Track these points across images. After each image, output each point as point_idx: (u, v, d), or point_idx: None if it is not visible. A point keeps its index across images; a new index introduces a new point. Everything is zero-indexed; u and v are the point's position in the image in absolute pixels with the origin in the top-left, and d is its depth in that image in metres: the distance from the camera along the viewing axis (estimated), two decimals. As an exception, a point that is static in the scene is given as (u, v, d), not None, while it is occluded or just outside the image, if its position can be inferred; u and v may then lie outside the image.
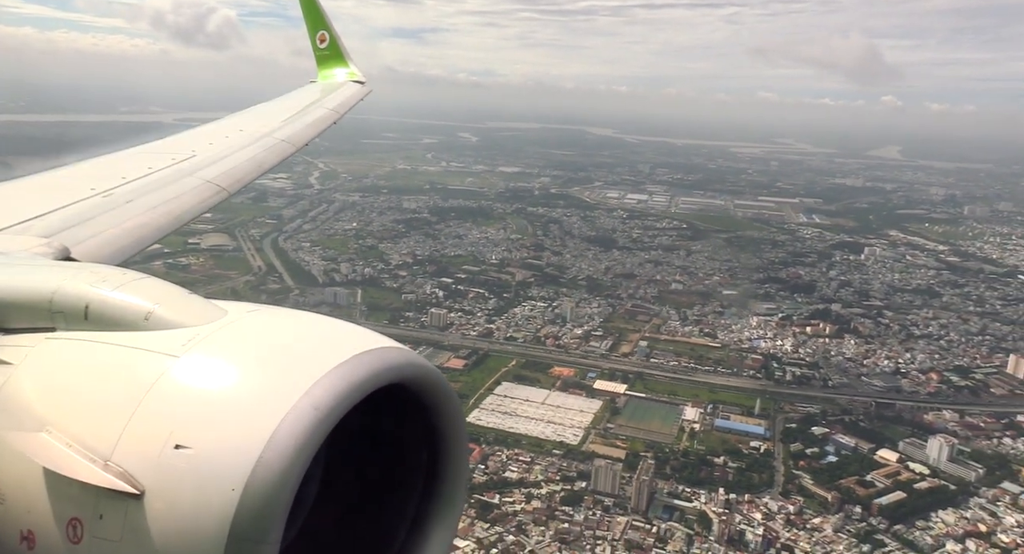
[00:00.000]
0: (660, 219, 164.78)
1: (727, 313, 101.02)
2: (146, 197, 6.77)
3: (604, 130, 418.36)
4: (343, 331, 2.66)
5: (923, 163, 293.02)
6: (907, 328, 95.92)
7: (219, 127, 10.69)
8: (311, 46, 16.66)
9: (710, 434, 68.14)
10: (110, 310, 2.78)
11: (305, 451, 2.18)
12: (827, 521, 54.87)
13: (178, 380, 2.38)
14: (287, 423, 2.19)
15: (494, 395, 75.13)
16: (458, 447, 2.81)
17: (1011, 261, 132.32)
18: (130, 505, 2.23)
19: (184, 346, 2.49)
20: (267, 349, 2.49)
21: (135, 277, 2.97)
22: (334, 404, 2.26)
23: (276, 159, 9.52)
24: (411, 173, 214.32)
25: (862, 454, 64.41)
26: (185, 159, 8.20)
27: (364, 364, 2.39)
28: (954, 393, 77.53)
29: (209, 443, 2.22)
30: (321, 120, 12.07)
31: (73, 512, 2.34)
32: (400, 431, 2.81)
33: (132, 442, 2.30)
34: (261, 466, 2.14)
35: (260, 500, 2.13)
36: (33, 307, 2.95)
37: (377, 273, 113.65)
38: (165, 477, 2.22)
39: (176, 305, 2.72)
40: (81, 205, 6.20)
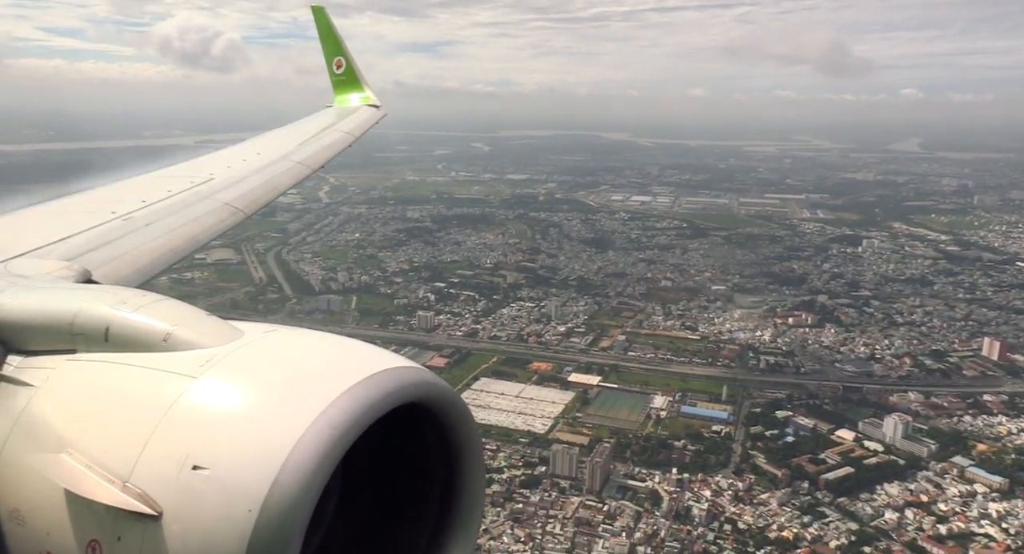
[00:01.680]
0: (661, 219, 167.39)
1: (712, 307, 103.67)
2: (165, 220, 6.98)
3: (618, 135, 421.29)
4: (359, 351, 2.71)
5: (942, 155, 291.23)
6: (890, 316, 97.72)
7: (237, 150, 11.08)
8: (327, 71, 17.15)
9: (675, 420, 71.13)
10: (130, 332, 2.84)
11: (322, 471, 2.24)
12: (773, 496, 57.65)
13: (196, 401, 2.44)
14: (304, 443, 2.24)
15: (471, 390, 78.90)
16: (474, 464, 2.85)
17: (1013, 249, 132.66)
18: (148, 526, 2.27)
19: (202, 367, 2.55)
20: (284, 369, 2.55)
21: (154, 299, 3.04)
22: (350, 424, 2.31)
23: (292, 181, 9.88)
24: (419, 184, 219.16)
25: (820, 434, 66.89)
26: (203, 182, 8.45)
27: (380, 384, 2.44)
28: (925, 376, 79.43)
29: (226, 464, 2.26)
30: (336, 143, 12.45)
31: (92, 534, 2.38)
32: (417, 449, 2.85)
33: (150, 463, 2.34)
34: (278, 487, 2.18)
35: (277, 520, 2.17)
36: (55, 329, 3.01)
37: (373, 280, 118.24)
38: (183, 498, 2.26)
39: (194, 326, 2.79)
40: (102, 228, 6.36)
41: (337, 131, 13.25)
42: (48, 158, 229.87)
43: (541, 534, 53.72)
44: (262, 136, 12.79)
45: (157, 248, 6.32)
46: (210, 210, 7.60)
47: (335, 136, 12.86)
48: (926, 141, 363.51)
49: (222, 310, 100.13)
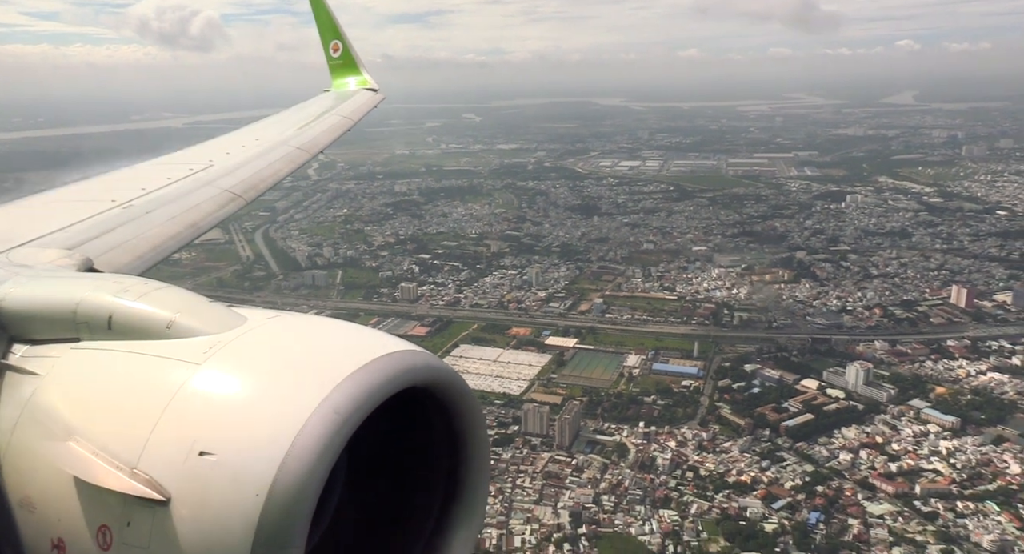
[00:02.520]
0: (648, 183, 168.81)
1: (691, 268, 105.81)
2: (165, 207, 7.02)
3: (612, 100, 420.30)
4: (362, 335, 2.74)
5: (936, 106, 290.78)
6: (866, 269, 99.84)
7: (236, 137, 11.12)
8: (324, 55, 17.20)
9: (647, 377, 73.75)
10: (133, 320, 2.88)
11: (327, 455, 2.27)
12: (735, 444, 60.38)
13: (201, 387, 2.48)
14: (308, 428, 2.27)
15: (450, 357, 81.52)
16: (479, 447, 2.92)
17: (995, 198, 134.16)
18: (157, 512, 2.32)
19: (206, 354, 2.59)
20: (287, 355, 2.60)
21: (157, 287, 3.07)
22: (354, 408, 2.35)
23: (291, 166, 9.91)
24: (409, 158, 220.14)
25: (785, 385, 69.47)
26: (203, 169, 8.52)
27: (383, 368, 2.48)
28: (893, 325, 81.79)
29: (232, 449, 2.30)
30: (335, 127, 12.54)
31: (102, 519, 2.43)
32: (421, 433, 2.91)
33: (157, 449, 2.39)
34: (284, 471, 2.22)
35: (284, 504, 2.21)
36: (58, 318, 3.06)
37: (359, 254, 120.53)
38: (190, 483, 2.30)
39: (197, 313, 2.83)
40: (102, 217, 6.40)
41: (336, 115, 13.39)
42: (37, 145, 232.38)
43: (511, 487, 56.62)
44: (260, 122, 12.93)
45: (158, 235, 6.41)
46: (210, 197, 7.70)
47: (333, 120, 13.00)
48: (921, 93, 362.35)
49: (209, 289, 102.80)
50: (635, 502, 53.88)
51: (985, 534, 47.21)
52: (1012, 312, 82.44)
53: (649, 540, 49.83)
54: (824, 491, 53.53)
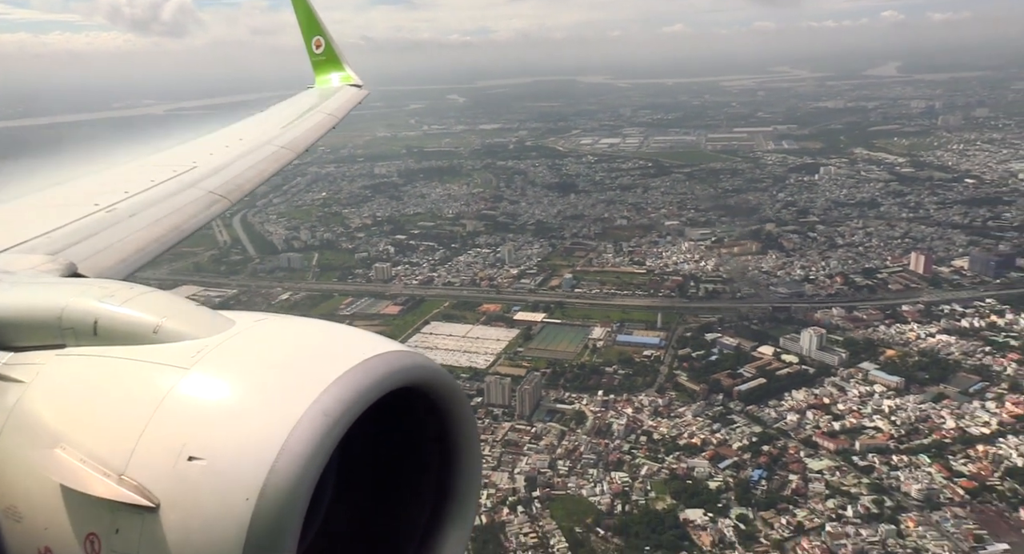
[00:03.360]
0: (627, 160, 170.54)
1: (662, 242, 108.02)
2: (149, 210, 7.01)
3: (596, 78, 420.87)
4: (351, 337, 2.74)
5: (918, 77, 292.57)
6: (832, 239, 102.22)
7: (219, 137, 11.09)
8: (307, 52, 17.17)
9: (610, 349, 76.18)
10: (119, 325, 2.87)
11: (317, 458, 2.26)
12: (689, 409, 62.95)
13: (189, 392, 2.47)
14: (298, 431, 2.27)
15: (420, 333, 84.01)
16: (470, 447, 2.92)
17: (964, 167, 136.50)
18: (146, 518, 2.30)
19: (193, 358, 2.58)
20: (275, 358, 2.60)
21: (142, 291, 3.06)
22: (344, 410, 2.34)
23: (276, 166, 9.93)
24: (390, 140, 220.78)
25: (743, 352, 71.95)
26: (186, 171, 8.49)
27: (372, 369, 2.48)
28: (853, 292, 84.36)
29: (222, 454, 2.29)
30: (319, 126, 12.50)
31: (90, 527, 2.41)
32: (412, 434, 2.92)
33: (146, 455, 2.37)
34: (274, 475, 2.22)
35: (274, 508, 2.20)
36: (43, 325, 3.03)
37: (336, 237, 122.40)
38: (179, 489, 2.29)
39: (184, 317, 2.81)
40: (85, 221, 6.39)
41: (320, 113, 13.39)
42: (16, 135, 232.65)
43: (472, 455, 58.99)
44: (244, 121, 12.76)
45: (142, 239, 6.38)
46: (194, 199, 7.66)
47: (318, 118, 12.98)
48: (904, 64, 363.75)
49: (185, 274, 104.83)
50: (589, 466, 56.44)
51: (914, 484, 49.97)
52: (967, 277, 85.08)
53: (599, 500, 52.42)
54: (769, 450, 56.20)
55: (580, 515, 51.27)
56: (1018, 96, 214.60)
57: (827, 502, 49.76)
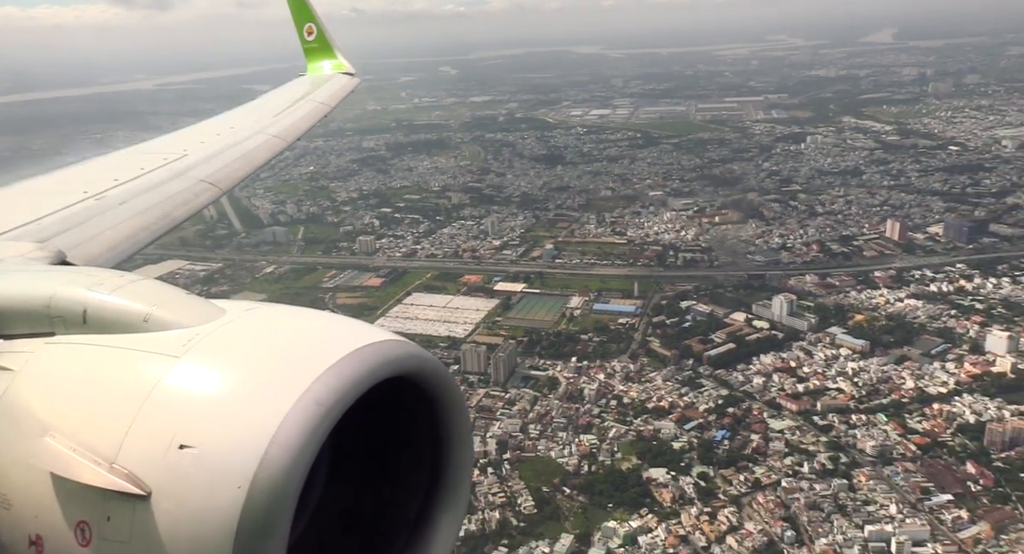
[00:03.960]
0: (616, 131, 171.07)
1: (644, 213, 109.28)
2: (139, 198, 6.95)
3: (590, 48, 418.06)
4: (343, 326, 2.75)
5: (913, 44, 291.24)
6: (812, 207, 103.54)
7: (210, 125, 11.12)
8: (299, 39, 17.03)
9: (587, 317, 77.94)
10: (108, 313, 2.86)
11: (309, 447, 2.27)
12: (660, 373, 64.84)
13: (180, 381, 2.47)
14: (290, 420, 2.27)
15: (402, 304, 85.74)
16: (461, 435, 2.94)
17: (950, 134, 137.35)
18: (137, 506, 2.31)
19: (184, 346, 2.58)
20: (267, 347, 2.61)
21: (132, 279, 3.05)
22: (336, 399, 2.35)
23: (268, 155, 9.92)
24: (380, 113, 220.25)
25: (715, 318, 73.70)
26: (177, 159, 8.48)
27: (364, 358, 2.49)
28: (828, 259, 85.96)
29: (213, 442, 2.30)
30: (311, 114, 12.49)
31: (81, 515, 2.42)
32: (403, 422, 2.94)
33: (137, 444, 2.37)
34: (266, 463, 2.22)
35: (266, 497, 2.21)
36: (31, 313, 3.03)
37: (321, 210, 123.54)
38: (171, 477, 2.30)
39: (174, 306, 2.82)
40: (75, 209, 6.36)
41: (312, 102, 13.35)
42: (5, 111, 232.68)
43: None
44: (236, 110, 12.77)
45: (131, 227, 6.33)
46: (184, 187, 7.62)
47: (309, 107, 12.91)
48: (901, 31, 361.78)
49: (171, 249, 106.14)
50: (559, 429, 58.45)
51: (869, 441, 52.04)
52: (941, 243, 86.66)
53: (567, 462, 54.50)
54: (734, 412, 58.20)
55: (548, 476, 53.34)
56: (1011, 62, 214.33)
57: (785, 460, 51.85)
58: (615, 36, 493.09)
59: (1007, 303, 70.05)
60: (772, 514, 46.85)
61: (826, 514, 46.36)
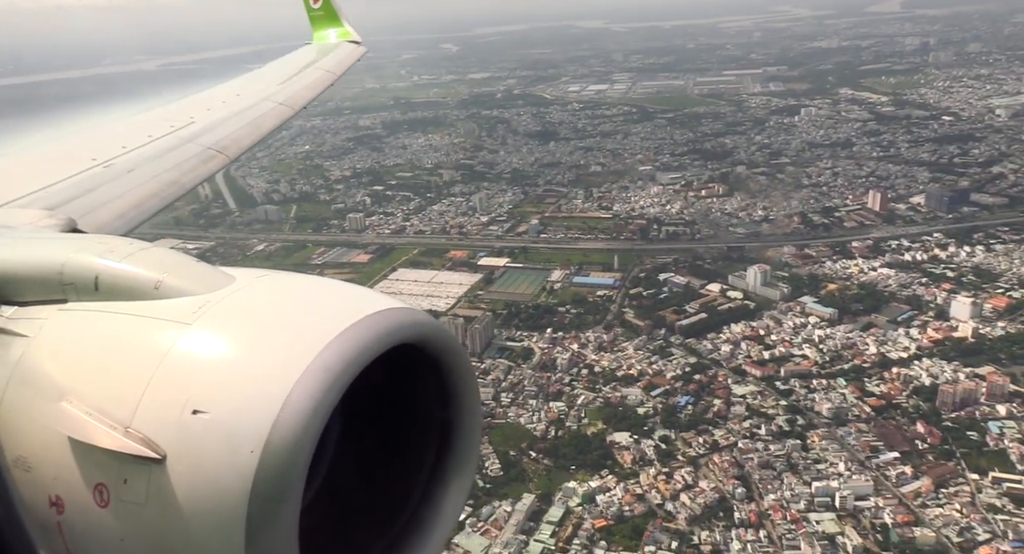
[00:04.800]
0: (612, 106, 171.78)
1: (632, 187, 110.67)
2: (147, 166, 7.08)
3: (594, 23, 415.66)
4: (352, 294, 2.80)
5: (920, 12, 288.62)
6: (799, 180, 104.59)
7: (217, 93, 11.13)
8: (305, 7, 17.06)
9: (567, 290, 79.93)
10: (120, 280, 2.91)
11: (320, 411, 2.33)
12: (632, 343, 66.84)
13: (192, 347, 2.53)
14: (301, 385, 2.33)
15: (387, 280, 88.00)
16: (470, 402, 2.99)
17: (945, 104, 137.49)
18: (153, 469, 2.38)
19: (195, 313, 2.63)
20: (277, 314, 2.66)
21: (142, 246, 3.11)
22: (345, 365, 2.40)
23: (275, 122, 9.99)
24: (378, 91, 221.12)
25: (692, 289, 75.50)
26: (184, 126, 8.57)
27: (373, 325, 2.53)
28: (808, 231, 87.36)
29: (226, 407, 2.36)
30: (318, 82, 12.54)
31: (98, 477, 2.49)
32: (413, 390, 2.99)
33: (151, 408, 2.44)
34: (278, 427, 2.28)
35: (279, 460, 2.27)
36: (44, 280, 3.08)
37: (315, 189, 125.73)
38: (185, 441, 2.36)
39: (185, 273, 2.87)
40: (83, 176, 6.46)
41: (318, 70, 13.38)
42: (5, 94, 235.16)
43: (422, 390, 63.33)
44: (241, 77, 12.71)
45: (140, 195, 6.40)
46: (193, 155, 7.70)
47: (316, 75, 12.98)
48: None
49: (165, 227, 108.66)
50: (530, 397, 60.70)
51: (826, 404, 53.99)
52: (922, 213, 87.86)
53: (535, 427, 56.80)
54: (700, 378, 60.25)
55: (516, 440, 55.64)
56: (1015, 29, 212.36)
57: (744, 423, 53.92)
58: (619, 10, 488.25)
59: (977, 270, 71.49)
60: (726, 473, 49.02)
61: (777, 472, 48.51)
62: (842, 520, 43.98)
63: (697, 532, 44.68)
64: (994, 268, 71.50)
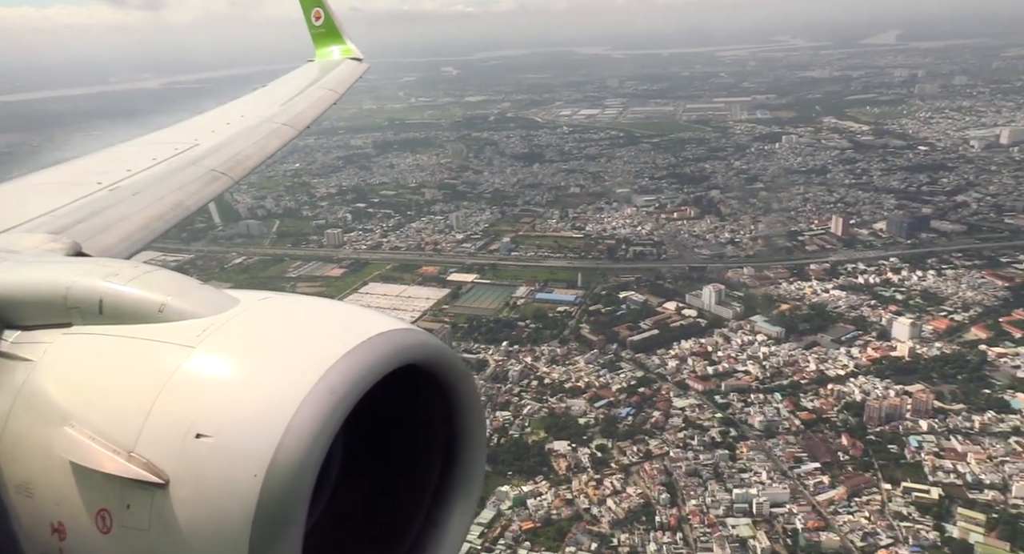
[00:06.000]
0: (600, 131, 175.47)
1: (607, 209, 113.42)
2: (152, 189, 7.15)
3: (594, 49, 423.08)
4: (356, 315, 2.78)
5: (915, 45, 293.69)
6: (769, 204, 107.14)
7: (220, 114, 11.25)
8: (306, 24, 17.15)
9: (529, 305, 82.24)
10: (124, 303, 2.92)
11: (324, 434, 2.32)
12: (584, 357, 68.97)
13: (195, 370, 2.52)
14: (304, 408, 2.32)
15: (358, 293, 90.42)
16: (474, 422, 2.97)
17: (923, 134, 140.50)
18: (156, 494, 2.37)
19: (199, 336, 2.63)
20: (281, 336, 2.65)
21: (147, 270, 3.11)
22: (349, 387, 2.39)
23: (279, 143, 10.06)
24: (375, 112, 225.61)
25: (649, 307, 77.76)
26: (188, 148, 8.70)
27: (377, 347, 2.51)
28: (771, 253, 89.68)
29: (229, 431, 2.35)
30: (321, 101, 12.62)
31: (101, 503, 2.49)
32: (417, 410, 2.97)
33: (154, 433, 2.43)
34: (282, 451, 2.27)
35: (283, 484, 2.26)
36: (49, 304, 3.08)
37: (299, 205, 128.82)
38: (188, 466, 2.35)
39: (189, 296, 2.86)
40: (88, 200, 6.52)
41: (321, 88, 13.45)
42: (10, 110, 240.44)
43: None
44: (245, 97, 12.84)
45: (145, 217, 6.46)
46: (197, 177, 7.81)
47: (319, 93, 13.04)
48: (905, 32, 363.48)
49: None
50: (479, 405, 62.59)
51: (759, 417, 55.98)
52: (882, 238, 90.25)
53: (480, 434, 58.63)
54: (644, 391, 62.28)
55: (459, 446, 57.52)
56: (1003, 63, 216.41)
57: (679, 433, 55.89)
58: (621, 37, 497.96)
59: (925, 294, 73.74)
60: (654, 480, 50.95)
61: (703, 480, 50.44)
62: (756, 525, 45.87)
63: (618, 535, 46.57)
64: (941, 292, 73.74)
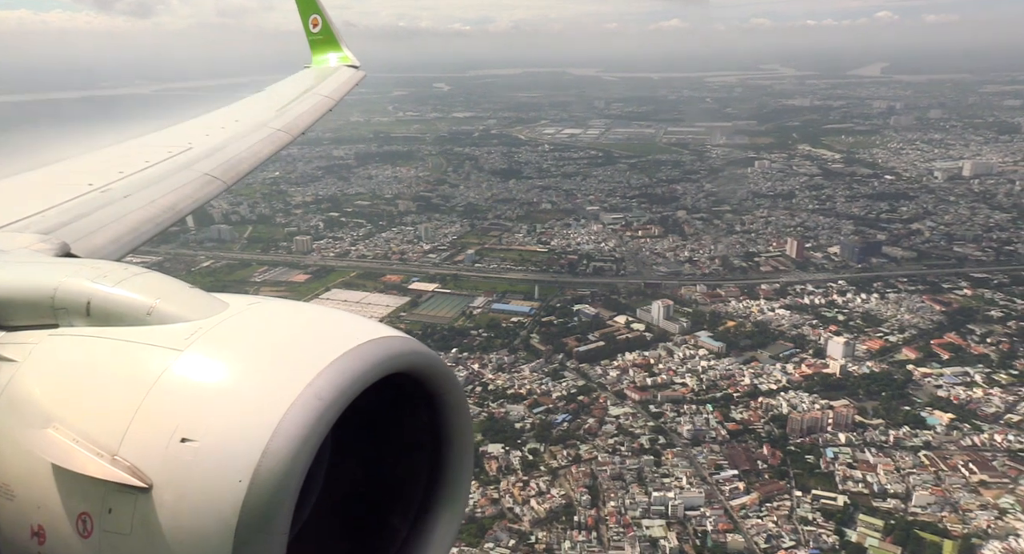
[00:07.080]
0: (580, 150, 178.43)
1: (575, 225, 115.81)
2: (144, 191, 7.11)
3: (586, 70, 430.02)
4: (345, 322, 2.78)
5: (898, 78, 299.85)
6: (732, 226, 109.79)
7: (215, 118, 11.18)
8: (304, 31, 17.21)
9: (484, 315, 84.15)
10: (112, 306, 2.91)
11: (310, 441, 2.31)
12: (529, 365, 70.84)
13: (182, 374, 2.51)
14: (291, 414, 2.32)
15: (319, 298, 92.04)
16: (462, 431, 2.97)
17: (891, 164, 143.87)
18: (139, 498, 2.36)
19: (187, 340, 2.62)
20: (270, 341, 2.65)
21: (136, 272, 3.10)
22: (337, 394, 2.39)
23: (273, 149, 10.03)
24: (361, 125, 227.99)
25: (600, 320, 79.83)
26: (182, 152, 8.74)
27: (366, 354, 2.52)
28: (726, 272, 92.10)
29: (215, 436, 2.34)
30: (316, 107, 12.61)
31: (82, 507, 2.46)
32: (404, 417, 2.98)
33: (139, 436, 2.42)
34: (267, 457, 2.27)
35: (267, 491, 2.26)
36: (35, 304, 3.07)
37: (273, 212, 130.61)
38: (172, 470, 2.34)
39: (178, 299, 2.86)
40: (79, 201, 6.48)
41: (317, 95, 13.44)
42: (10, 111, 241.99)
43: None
44: (240, 102, 12.81)
45: (135, 220, 6.43)
46: (190, 181, 7.76)
47: (315, 100, 13.05)
48: (891, 65, 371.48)
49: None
50: (421, 408, 64.29)
51: (686, 426, 57.95)
52: (834, 262, 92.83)
53: (418, 435, 60.32)
54: (582, 399, 64.14)
55: (397, 447, 59.16)
56: (980, 99, 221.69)
57: (610, 440, 57.72)
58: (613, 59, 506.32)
59: (866, 315, 76.17)
60: (579, 482, 52.72)
61: (626, 483, 52.23)
62: (670, 527, 47.69)
63: (536, 533, 48.27)
64: (881, 314, 76.21)
